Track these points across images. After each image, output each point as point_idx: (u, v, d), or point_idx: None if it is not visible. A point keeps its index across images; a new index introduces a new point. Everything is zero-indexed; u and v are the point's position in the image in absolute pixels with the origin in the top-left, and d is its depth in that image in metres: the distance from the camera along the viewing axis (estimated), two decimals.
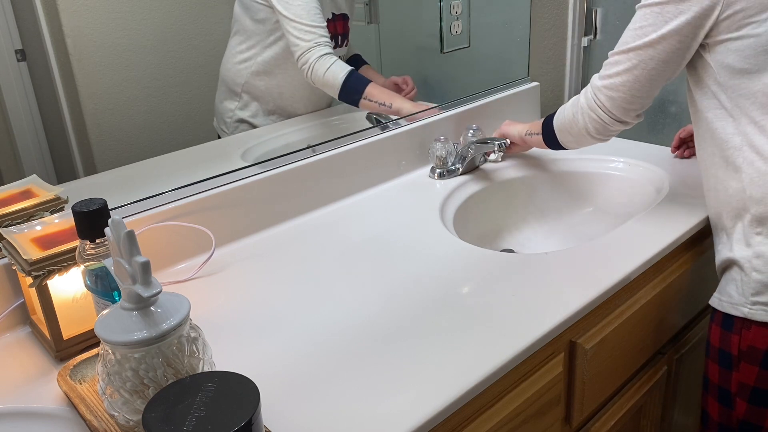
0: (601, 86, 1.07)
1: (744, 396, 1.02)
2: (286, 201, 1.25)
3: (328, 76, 1.27)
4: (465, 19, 1.60)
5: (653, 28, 1.00)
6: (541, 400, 0.93)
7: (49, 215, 0.95)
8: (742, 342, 1.01)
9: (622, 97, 1.06)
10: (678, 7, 0.97)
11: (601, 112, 1.09)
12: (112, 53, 1.11)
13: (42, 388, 0.84)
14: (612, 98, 1.07)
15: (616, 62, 1.05)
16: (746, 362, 1.01)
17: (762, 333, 0.98)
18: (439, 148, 1.41)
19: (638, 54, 1.02)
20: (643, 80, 1.03)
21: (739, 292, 1.01)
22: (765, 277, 0.98)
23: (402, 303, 0.97)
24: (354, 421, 0.75)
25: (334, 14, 1.34)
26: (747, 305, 1.00)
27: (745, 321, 1.00)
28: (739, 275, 1.01)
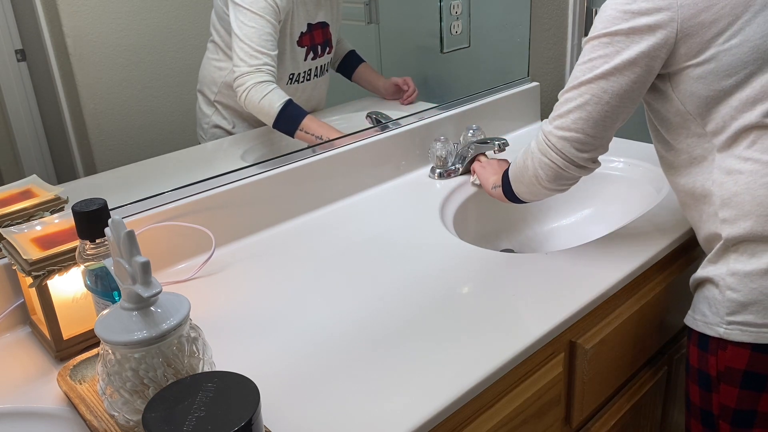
0: (552, 127, 0.99)
1: (726, 419, 0.98)
2: (286, 201, 1.25)
3: (264, 102, 1.23)
4: (465, 19, 1.60)
5: (604, 60, 0.93)
6: (541, 400, 0.93)
7: (49, 215, 0.95)
8: (719, 363, 0.97)
9: (575, 136, 0.97)
10: (630, 37, 0.91)
11: (554, 154, 1.00)
12: (112, 53, 1.11)
13: (42, 388, 0.84)
14: (564, 138, 0.98)
15: (567, 100, 0.98)
16: (725, 384, 0.97)
17: (739, 353, 0.94)
18: (439, 148, 1.41)
19: (590, 88, 0.95)
20: (597, 116, 0.95)
21: (714, 312, 0.97)
22: (740, 296, 0.93)
23: (402, 303, 0.97)
24: (354, 421, 0.75)
25: (309, 24, 1.31)
26: (722, 325, 0.95)
27: (720, 341, 0.96)
28: (713, 294, 0.97)
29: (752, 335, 0.93)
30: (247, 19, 1.19)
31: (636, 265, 1.05)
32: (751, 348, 0.93)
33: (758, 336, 0.93)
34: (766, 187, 0.91)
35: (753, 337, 0.93)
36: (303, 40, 1.30)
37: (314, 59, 1.35)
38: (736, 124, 0.92)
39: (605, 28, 0.93)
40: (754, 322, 0.93)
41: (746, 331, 0.93)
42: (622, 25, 0.91)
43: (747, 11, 0.89)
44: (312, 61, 1.35)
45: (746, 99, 0.91)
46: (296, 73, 1.33)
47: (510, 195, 1.16)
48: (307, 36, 1.30)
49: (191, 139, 1.30)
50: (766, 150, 0.91)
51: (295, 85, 1.34)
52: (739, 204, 0.93)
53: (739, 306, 0.93)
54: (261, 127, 1.33)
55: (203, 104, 1.29)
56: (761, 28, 0.89)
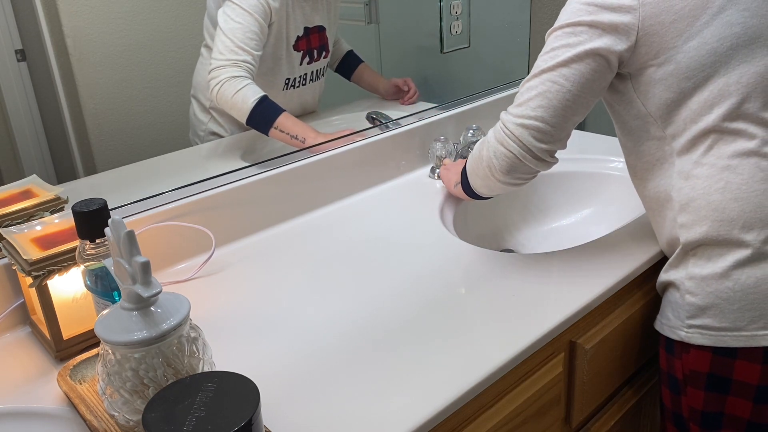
0: (512, 115, 0.97)
1: (696, 421, 0.99)
2: (286, 201, 1.25)
3: (238, 97, 1.18)
4: (465, 19, 1.60)
5: (566, 49, 0.93)
6: (541, 400, 0.93)
7: (49, 215, 0.95)
8: (684, 366, 0.98)
9: (534, 124, 0.95)
10: (593, 29, 0.92)
11: (511, 142, 0.97)
12: (112, 53, 1.11)
13: (42, 388, 0.84)
14: (523, 126, 0.95)
15: (528, 88, 0.96)
16: (692, 386, 0.98)
17: (701, 356, 0.95)
18: (439, 148, 1.41)
19: (551, 75, 0.93)
20: (557, 104, 0.94)
21: (675, 315, 0.98)
22: (698, 299, 0.94)
23: (402, 303, 0.97)
24: (354, 421, 0.75)
25: (306, 28, 1.30)
26: (683, 329, 0.96)
27: (683, 345, 0.97)
28: (674, 297, 0.98)
29: (711, 339, 0.94)
30: (234, 15, 1.17)
31: (636, 265, 1.05)
32: (712, 351, 0.94)
33: (717, 339, 0.93)
34: (720, 192, 0.91)
35: (712, 340, 0.94)
36: (299, 44, 1.29)
37: (310, 63, 1.34)
38: (695, 128, 0.93)
39: (568, 19, 0.94)
40: (712, 325, 0.93)
41: (705, 334, 0.94)
42: (585, 17, 0.92)
43: (704, 13, 0.89)
44: (308, 66, 1.34)
45: (704, 102, 0.91)
46: (292, 77, 1.32)
47: (467, 189, 1.13)
48: (303, 40, 1.29)
49: (191, 138, 1.30)
50: (721, 155, 0.92)
51: (291, 90, 1.33)
52: (695, 209, 0.94)
53: (698, 310, 0.94)
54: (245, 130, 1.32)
55: (198, 110, 1.27)
56: (718, 31, 0.89)
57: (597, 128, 1.88)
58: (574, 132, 1.75)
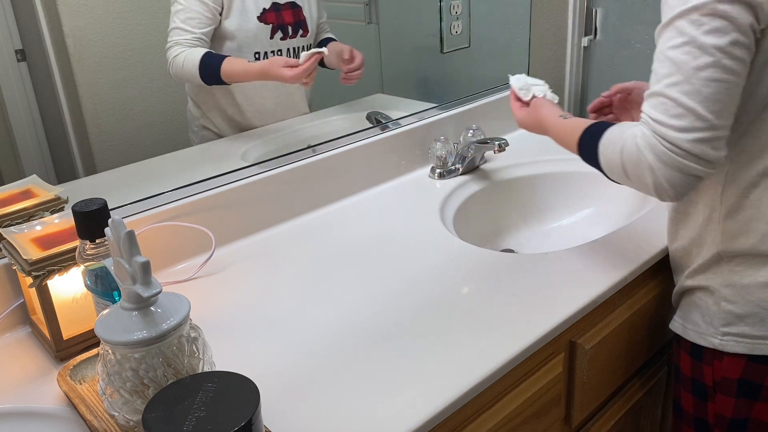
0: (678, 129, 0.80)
1: (722, 428, 0.97)
2: (286, 201, 1.25)
3: (187, 65, 1.22)
4: (465, 19, 1.60)
5: (717, 37, 0.77)
6: (541, 400, 0.93)
7: (49, 215, 0.95)
8: (715, 373, 0.95)
9: (713, 135, 0.80)
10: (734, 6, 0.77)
11: (692, 165, 0.81)
12: (112, 53, 1.11)
13: (42, 388, 0.84)
14: (701, 141, 0.80)
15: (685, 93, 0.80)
16: (722, 394, 0.96)
17: (735, 363, 0.93)
18: (439, 148, 1.41)
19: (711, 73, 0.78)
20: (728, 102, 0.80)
21: (707, 322, 0.94)
22: (737, 307, 0.91)
23: (402, 303, 0.97)
24: (354, 421, 0.75)
25: (276, 4, 1.29)
26: (717, 336, 0.93)
27: (715, 352, 0.94)
28: (706, 304, 0.94)
29: (747, 346, 0.92)
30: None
31: (636, 266, 1.05)
32: (747, 358, 0.92)
33: (754, 347, 0.92)
34: None
35: (749, 348, 0.92)
36: (266, 17, 1.29)
37: (284, 39, 1.32)
38: None
39: None
40: (750, 333, 0.91)
41: (741, 342, 0.92)
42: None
43: None
44: (282, 41, 1.32)
45: None
46: (263, 52, 1.31)
47: (592, 161, 0.96)
48: (271, 13, 1.29)
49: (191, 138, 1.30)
50: None
51: None
52: (746, 219, 0.89)
53: (735, 318, 0.92)
54: (259, 127, 1.33)
55: (192, 106, 1.29)
56: None
57: None
58: None
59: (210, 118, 1.30)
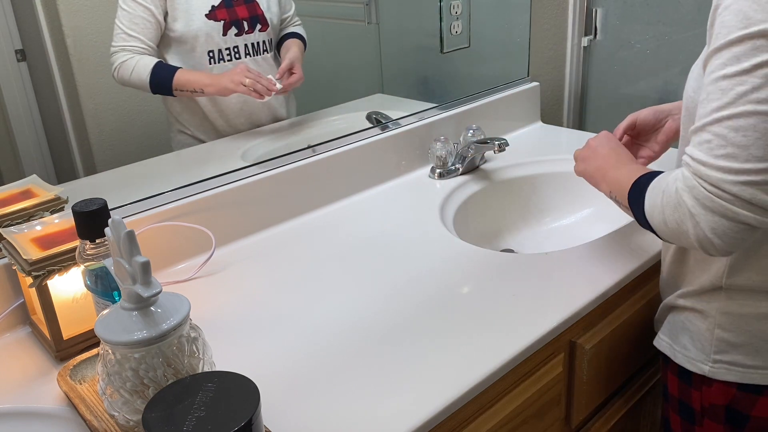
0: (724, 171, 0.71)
1: None
2: (286, 201, 1.25)
3: (134, 76, 1.20)
4: (465, 19, 1.60)
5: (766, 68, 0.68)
6: (541, 400, 0.93)
7: (49, 215, 0.95)
8: (704, 399, 0.91)
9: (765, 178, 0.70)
10: None
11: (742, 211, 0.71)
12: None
13: (42, 388, 0.84)
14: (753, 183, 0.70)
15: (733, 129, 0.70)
16: (710, 419, 0.92)
17: (724, 390, 0.89)
18: (439, 148, 1.41)
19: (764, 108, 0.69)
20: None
21: (698, 347, 0.90)
22: (732, 336, 0.87)
23: (402, 303, 0.97)
24: (354, 421, 0.75)
25: None
26: (708, 363, 0.89)
27: (705, 378, 0.90)
28: (698, 328, 0.90)
29: (738, 375, 0.88)
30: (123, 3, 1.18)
31: (636, 265, 1.05)
32: (737, 387, 0.89)
33: (744, 376, 0.88)
34: None
35: (739, 376, 0.88)
36: (216, 14, 1.26)
37: (239, 35, 1.30)
38: None
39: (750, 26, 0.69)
40: (742, 362, 0.88)
41: (732, 370, 0.88)
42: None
43: None
44: (237, 38, 1.29)
45: None
46: (216, 50, 1.28)
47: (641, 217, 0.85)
48: (222, 10, 1.26)
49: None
50: None
51: (221, 64, 1.28)
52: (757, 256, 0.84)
53: (729, 346, 0.88)
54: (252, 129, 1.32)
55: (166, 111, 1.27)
56: None
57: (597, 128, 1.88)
58: (574, 132, 1.75)
59: (182, 122, 1.28)
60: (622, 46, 1.83)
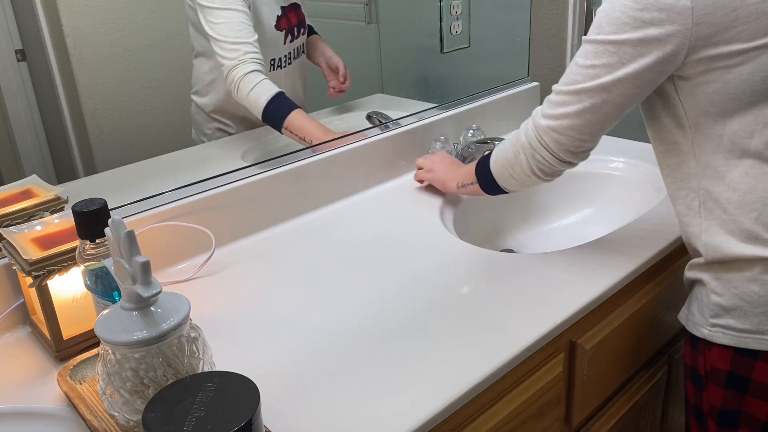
0: (546, 126, 0.96)
1: (713, 417, 1.00)
2: (286, 201, 1.25)
3: (251, 97, 1.22)
4: (465, 19, 1.60)
5: (607, 70, 0.88)
6: (541, 400, 0.93)
7: (49, 215, 0.95)
8: (706, 363, 0.98)
9: (570, 141, 0.95)
10: (637, 49, 0.86)
11: (547, 153, 0.98)
12: (112, 53, 1.11)
13: (42, 388, 0.84)
14: (558, 141, 0.96)
15: (564, 102, 0.93)
16: (712, 383, 0.98)
17: (723, 354, 0.95)
18: (439, 148, 1.41)
19: (590, 96, 0.90)
20: (594, 124, 0.93)
21: (700, 312, 0.97)
22: (723, 300, 0.93)
23: (402, 303, 0.97)
24: (354, 421, 0.75)
25: (283, 8, 1.30)
26: (707, 326, 0.96)
27: (706, 342, 0.97)
28: (700, 295, 0.98)
29: (733, 339, 0.93)
30: (214, 17, 1.18)
31: (636, 265, 1.05)
32: (734, 351, 0.94)
33: (739, 340, 0.93)
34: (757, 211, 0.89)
35: (734, 340, 0.93)
36: (280, 23, 1.29)
37: (292, 42, 1.34)
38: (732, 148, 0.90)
39: (613, 33, 0.87)
40: (735, 326, 0.93)
41: (728, 334, 0.94)
42: (631, 35, 0.86)
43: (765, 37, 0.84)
44: (290, 44, 1.34)
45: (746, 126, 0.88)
46: (277, 57, 1.32)
47: (490, 187, 1.13)
48: (283, 19, 1.29)
49: (191, 138, 1.30)
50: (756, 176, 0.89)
51: (279, 70, 1.33)
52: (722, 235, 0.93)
53: (722, 310, 0.94)
54: (261, 126, 1.33)
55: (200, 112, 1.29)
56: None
57: None
58: None
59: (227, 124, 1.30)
60: None
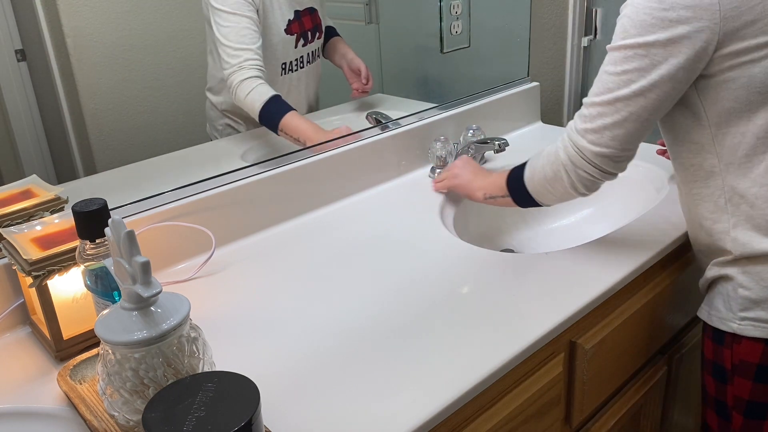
0: (587, 142, 0.95)
1: (740, 410, 1.01)
2: (286, 201, 1.25)
3: (248, 101, 1.24)
4: (465, 19, 1.60)
5: (640, 74, 0.88)
6: (541, 400, 0.93)
7: (49, 215, 0.95)
8: (734, 356, 0.99)
9: (613, 152, 0.94)
10: (667, 49, 0.86)
11: (591, 167, 0.97)
12: (112, 53, 1.11)
13: (42, 388, 0.84)
14: (602, 155, 0.95)
15: (601, 114, 0.93)
16: (739, 376, 0.99)
17: (752, 347, 0.96)
18: (439, 148, 1.41)
19: (627, 104, 0.90)
20: (635, 132, 0.93)
21: (727, 308, 0.99)
22: (752, 293, 0.95)
23: (402, 303, 0.97)
24: (354, 421, 0.75)
25: (297, 11, 1.31)
26: (735, 321, 0.97)
27: (735, 336, 0.98)
28: (726, 290, 0.99)
29: (764, 331, 0.95)
30: (222, 20, 1.20)
31: (636, 265, 1.05)
32: (765, 343, 0.95)
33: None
34: None
35: (765, 332, 0.95)
36: (291, 27, 1.30)
37: (305, 46, 1.35)
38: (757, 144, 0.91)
39: (640, 35, 0.87)
40: (765, 318, 0.95)
41: (758, 326, 0.96)
42: (660, 35, 0.86)
43: None
44: (303, 48, 1.35)
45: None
46: (288, 61, 1.33)
47: (525, 203, 1.11)
48: (295, 23, 1.30)
49: (191, 139, 1.30)
50: None
51: (290, 74, 1.34)
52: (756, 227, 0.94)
53: (751, 303, 0.96)
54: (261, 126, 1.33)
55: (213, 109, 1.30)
56: None
57: None
58: None
59: (237, 122, 1.31)
60: None
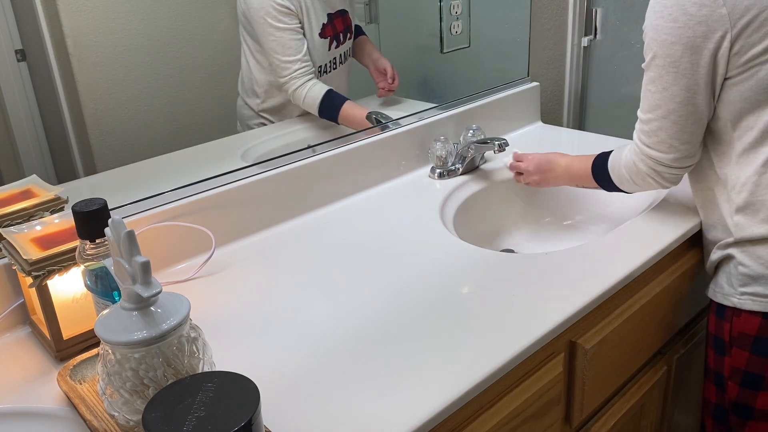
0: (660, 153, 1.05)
1: (736, 380, 1.07)
2: (286, 201, 1.25)
3: (306, 104, 1.34)
4: (465, 19, 1.60)
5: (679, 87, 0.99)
6: (541, 400, 0.93)
7: (49, 215, 0.95)
8: (733, 329, 1.06)
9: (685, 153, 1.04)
10: (693, 60, 0.97)
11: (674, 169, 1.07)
12: (112, 53, 1.11)
13: (42, 388, 0.84)
14: (678, 159, 1.05)
15: (660, 128, 1.03)
16: (737, 347, 1.06)
17: (751, 320, 1.04)
18: (439, 148, 1.41)
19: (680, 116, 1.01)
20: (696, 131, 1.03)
21: (729, 284, 1.07)
22: (750, 270, 1.04)
23: (402, 303, 0.97)
24: (354, 421, 0.75)
25: (330, 15, 1.34)
26: (736, 296, 1.05)
27: (735, 310, 1.06)
28: (729, 268, 1.07)
29: (762, 304, 1.03)
30: (268, 34, 1.26)
31: (636, 265, 1.05)
32: (762, 316, 1.02)
33: (767, 305, 1.02)
34: None
35: (763, 306, 1.02)
36: (325, 31, 1.33)
37: (337, 47, 1.38)
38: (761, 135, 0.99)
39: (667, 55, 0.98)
40: (763, 293, 1.02)
41: (757, 300, 1.03)
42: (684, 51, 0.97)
43: None
44: (335, 50, 1.37)
45: None
46: (323, 64, 1.36)
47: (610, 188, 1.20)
48: (329, 26, 1.34)
49: (191, 139, 1.30)
50: None
51: (324, 76, 1.37)
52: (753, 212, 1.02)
53: (750, 279, 1.04)
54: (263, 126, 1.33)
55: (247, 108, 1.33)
56: None
57: (597, 128, 1.88)
58: (574, 132, 1.76)
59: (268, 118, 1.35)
60: (622, 46, 1.83)
